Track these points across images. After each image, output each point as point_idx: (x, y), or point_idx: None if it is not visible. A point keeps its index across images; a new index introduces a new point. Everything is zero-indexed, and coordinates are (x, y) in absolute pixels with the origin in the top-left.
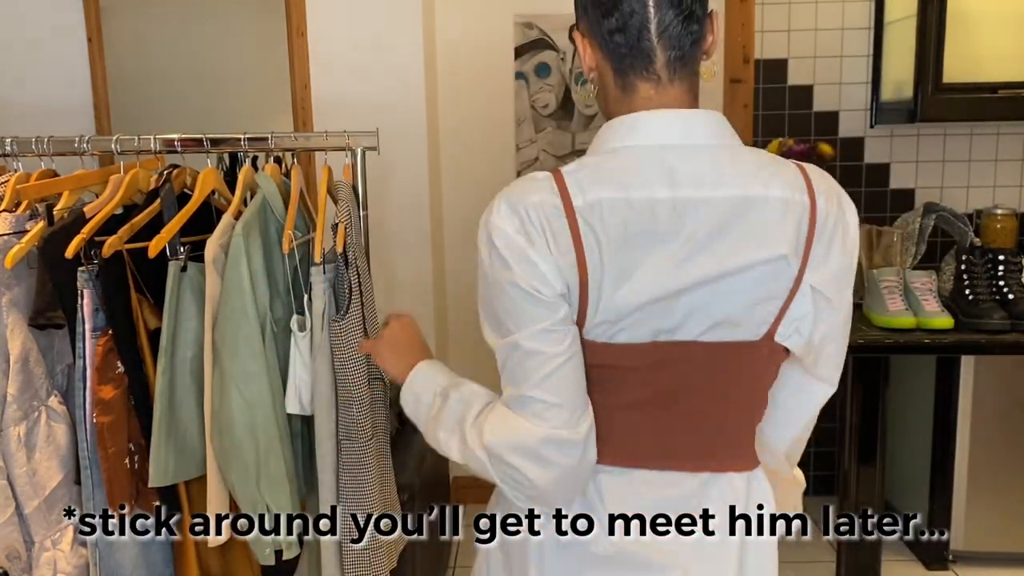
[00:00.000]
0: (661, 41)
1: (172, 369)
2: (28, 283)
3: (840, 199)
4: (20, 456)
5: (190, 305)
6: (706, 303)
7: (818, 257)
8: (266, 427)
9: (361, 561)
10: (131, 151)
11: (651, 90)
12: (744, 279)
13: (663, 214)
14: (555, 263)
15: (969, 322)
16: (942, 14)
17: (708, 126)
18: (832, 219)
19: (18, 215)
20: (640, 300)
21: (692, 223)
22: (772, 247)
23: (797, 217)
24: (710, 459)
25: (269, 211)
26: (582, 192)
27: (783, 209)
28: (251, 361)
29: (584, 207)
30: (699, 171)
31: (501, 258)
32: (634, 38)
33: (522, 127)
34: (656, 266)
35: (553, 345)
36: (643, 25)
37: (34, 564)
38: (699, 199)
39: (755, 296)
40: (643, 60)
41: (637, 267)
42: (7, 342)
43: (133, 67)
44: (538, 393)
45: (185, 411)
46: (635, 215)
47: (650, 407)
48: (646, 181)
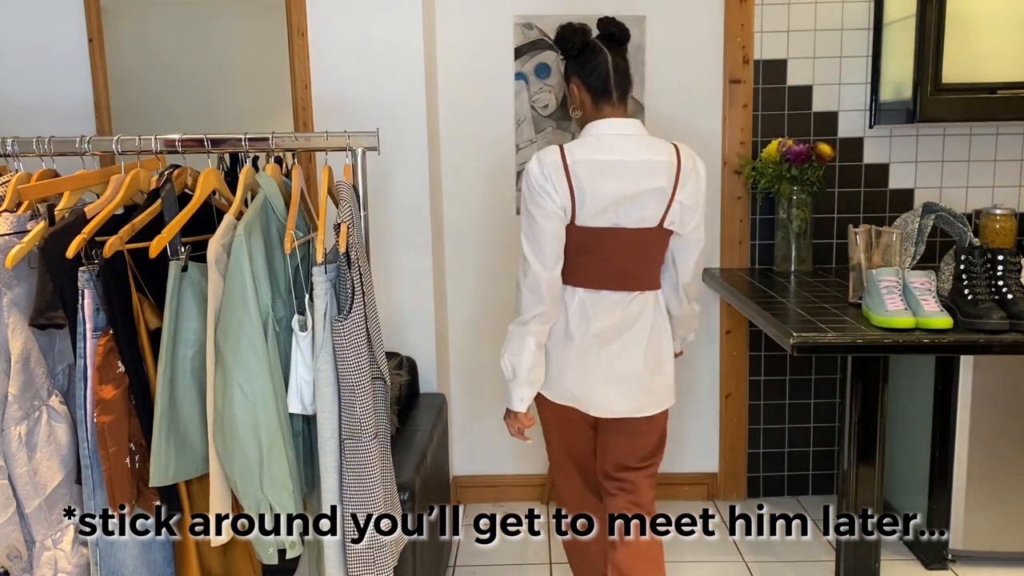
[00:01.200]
0: (615, 85)
1: (173, 369)
2: (29, 283)
3: (695, 161)
4: (21, 456)
5: (191, 305)
6: (630, 208)
7: (681, 186)
8: (268, 426)
9: (364, 560)
10: (132, 151)
11: (609, 108)
12: (647, 196)
13: (611, 166)
14: (555, 192)
15: (968, 322)
16: (941, 14)
17: (633, 126)
18: (688, 170)
19: (19, 215)
20: (602, 204)
21: (624, 169)
22: (658, 181)
23: (670, 168)
24: (635, 285)
25: (270, 211)
26: (571, 155)
27: (664, 165)
28: (253, 360)
29: (573, 163)
30: (628, 147)
31: (529, 186)
32: (602, 83)
33: (522, 127)
34: (608, 189)
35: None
36: (607, 78)
37: (35, 563)
38: (628, 160)
39: (652, 204)
40: (607, 94)
41: (599, 190)
42: (8, 342)
43: (134, 67)
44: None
45: (186, 411)
46: (599, 166)
47: (606, 258)
48: (604, 150)
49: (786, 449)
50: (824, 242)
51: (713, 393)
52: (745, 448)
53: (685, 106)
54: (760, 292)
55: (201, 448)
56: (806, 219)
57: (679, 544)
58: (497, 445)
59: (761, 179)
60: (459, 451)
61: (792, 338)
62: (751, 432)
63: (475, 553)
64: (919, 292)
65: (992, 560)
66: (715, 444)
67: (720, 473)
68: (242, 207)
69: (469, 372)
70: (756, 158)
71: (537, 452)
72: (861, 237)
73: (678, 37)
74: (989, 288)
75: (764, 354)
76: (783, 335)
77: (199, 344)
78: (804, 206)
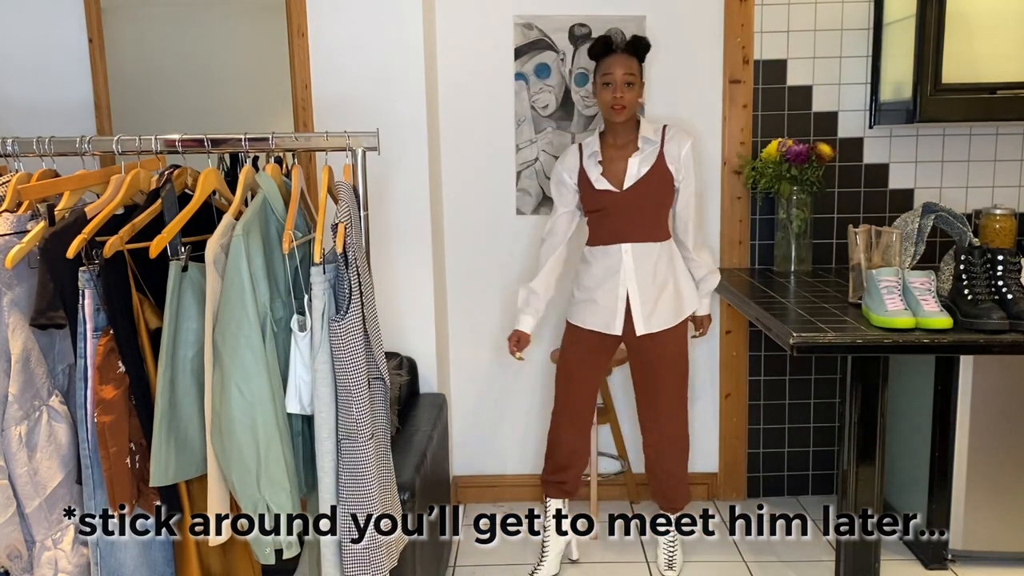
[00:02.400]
0: None
1: (173, 369)
2: (29, 283)
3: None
4: (21, 456)
5: (191, 305)
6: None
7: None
8: (266, 427)
9: (361, 560)
10: (132, 151)
11: None
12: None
13: None
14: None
15: (968, 322)
16: (941, 15)
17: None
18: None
19: (19, 215)
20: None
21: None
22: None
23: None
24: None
25: (269, 211)
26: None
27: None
28: (251, 361)
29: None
30: None
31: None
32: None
33: (522, 127)
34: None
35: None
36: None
37: (35, 563)
38: None
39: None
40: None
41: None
42: (8, 342)
43: (134, 67)
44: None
45: (186, 411)
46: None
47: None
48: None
49: (786, 449)
50: (824, 242)
51: (713, 393)
52: (745, 448)
53: (685, 106)
54: (760, 292)
55: (201, 448)
56: (806, 219)
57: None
58: (497, 445)
59: (761, 179)
60: (459, 451)
61: (792, 338)
62: (751, 432)
63: (475, 553)
64: (919, 292)
65: (992, 560)
66: (715, 444)
67: (720, 473)
68: (241, 207)
69: (469, 372)
70: (756, 158)
71: (537, 452)
72: (861, 237)
73: (678, 37)
74: (989, 288)
75: (764, 354)
76: (783, 335)
77: (199, 344)
78: (804, 206)
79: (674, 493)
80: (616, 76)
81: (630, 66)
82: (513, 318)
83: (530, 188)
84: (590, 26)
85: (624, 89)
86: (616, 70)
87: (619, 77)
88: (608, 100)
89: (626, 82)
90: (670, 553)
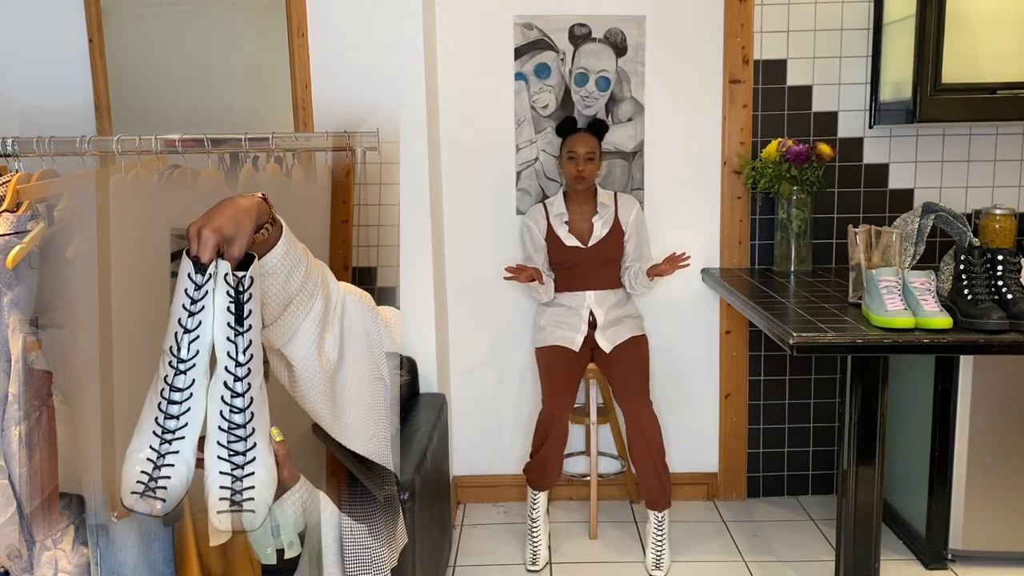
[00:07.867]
0: None
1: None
2: (29, 283)
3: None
4: (21, 455)
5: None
6: None
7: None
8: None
9: (362, 561)
10: (132, 151)
11: None
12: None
13: None
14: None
15: (968, 322)
16: (941, 15)
17: None
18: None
19: (19, 215)
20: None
21: None
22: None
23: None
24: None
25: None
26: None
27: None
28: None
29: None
30: None
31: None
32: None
33: (522, 127)
34: None
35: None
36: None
37: (35, 563)
38: None
39: None
40: None
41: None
42: (8, 342)
43: (134, 67)
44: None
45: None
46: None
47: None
48: None
49: (786, 449)
50: (824, 242)
51: (713, 393)
52: (745, 448)
53: (685, 106)
54: (760, 292)
55: None
56: (806, 219)
57: (679, 544)
58: (497, 445)
59: (761, 179)
60: (459, 451)
61: (792, 338)
62: (751, 432)
63: (475, 553)
64: (919, 292)
65: (992, 560)
66: (715, 444)
67: (720, 473)
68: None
69: (469, 372)
70: (756, 158)
71: None
72: (861, 237)
73: (678, 37)
74: (989, 288)
75: (764, 354)
76: (783, 335)
77: None
78: (804, 206)
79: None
80: (579, 152)
81: (591, 144)
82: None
83: (530, 188)
84: (590, 26)
85: (586, 163)
86: (579, 148)
87: (582, 153)
88: (572, 172)
89: (587, 157)
90: (657, 553)
